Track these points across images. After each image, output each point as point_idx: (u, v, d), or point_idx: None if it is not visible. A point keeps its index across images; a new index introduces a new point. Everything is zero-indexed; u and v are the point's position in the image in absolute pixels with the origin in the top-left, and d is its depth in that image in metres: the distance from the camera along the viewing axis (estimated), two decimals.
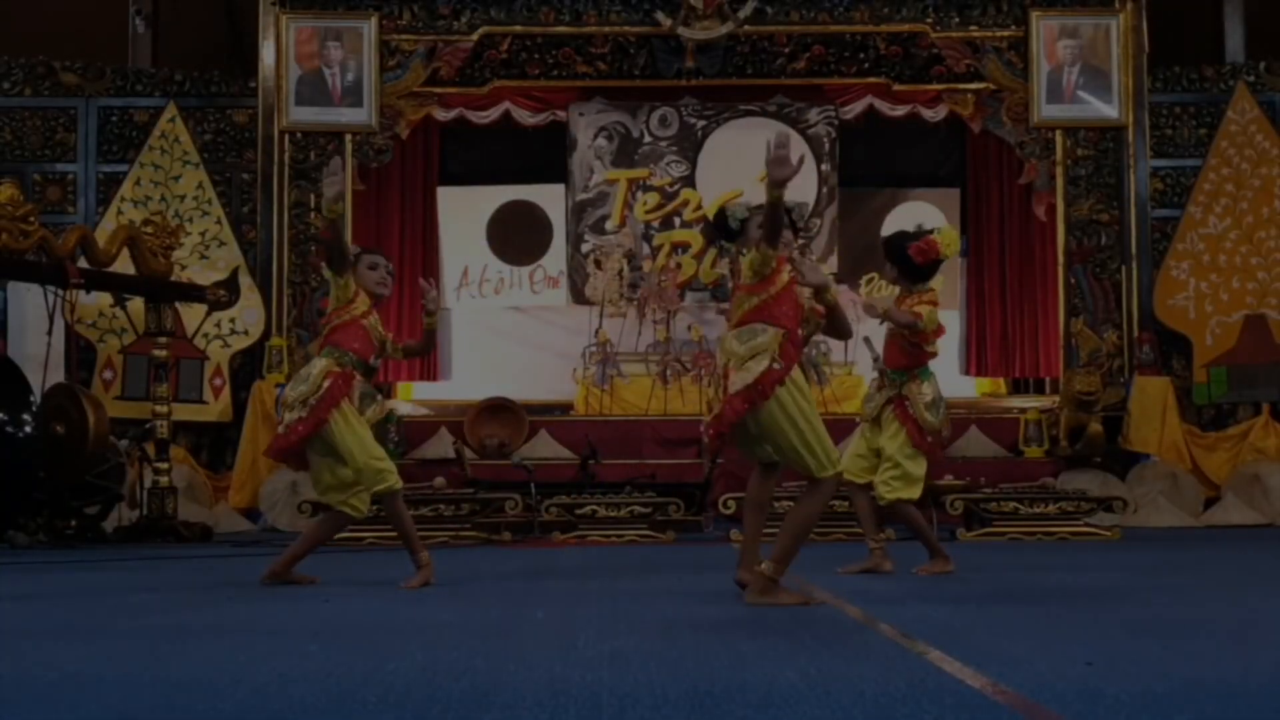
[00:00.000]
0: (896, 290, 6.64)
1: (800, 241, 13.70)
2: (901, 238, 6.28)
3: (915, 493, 6.22)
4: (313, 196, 12.31)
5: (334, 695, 2.85)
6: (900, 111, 13.41)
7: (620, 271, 13.29)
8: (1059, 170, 12.38)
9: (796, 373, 4.77)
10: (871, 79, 13.08)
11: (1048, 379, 13.56)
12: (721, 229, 5.34)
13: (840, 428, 11.86)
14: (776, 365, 4.70)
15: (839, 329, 5.32)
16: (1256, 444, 11.61)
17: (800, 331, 5.00)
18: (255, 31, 12.48)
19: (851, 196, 14.08)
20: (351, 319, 5.76)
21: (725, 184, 13.69)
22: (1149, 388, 11.69)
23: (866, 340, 7.01)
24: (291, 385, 5.75)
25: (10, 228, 8.92)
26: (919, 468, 6.25)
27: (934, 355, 6.41)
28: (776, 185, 4.75)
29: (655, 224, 13.74)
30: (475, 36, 12.46)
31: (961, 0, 12.44)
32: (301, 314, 12.21)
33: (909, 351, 6.32)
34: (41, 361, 9.37)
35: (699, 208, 13.67)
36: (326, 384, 5.57)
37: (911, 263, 6.15)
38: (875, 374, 6.55)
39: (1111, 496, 9.63)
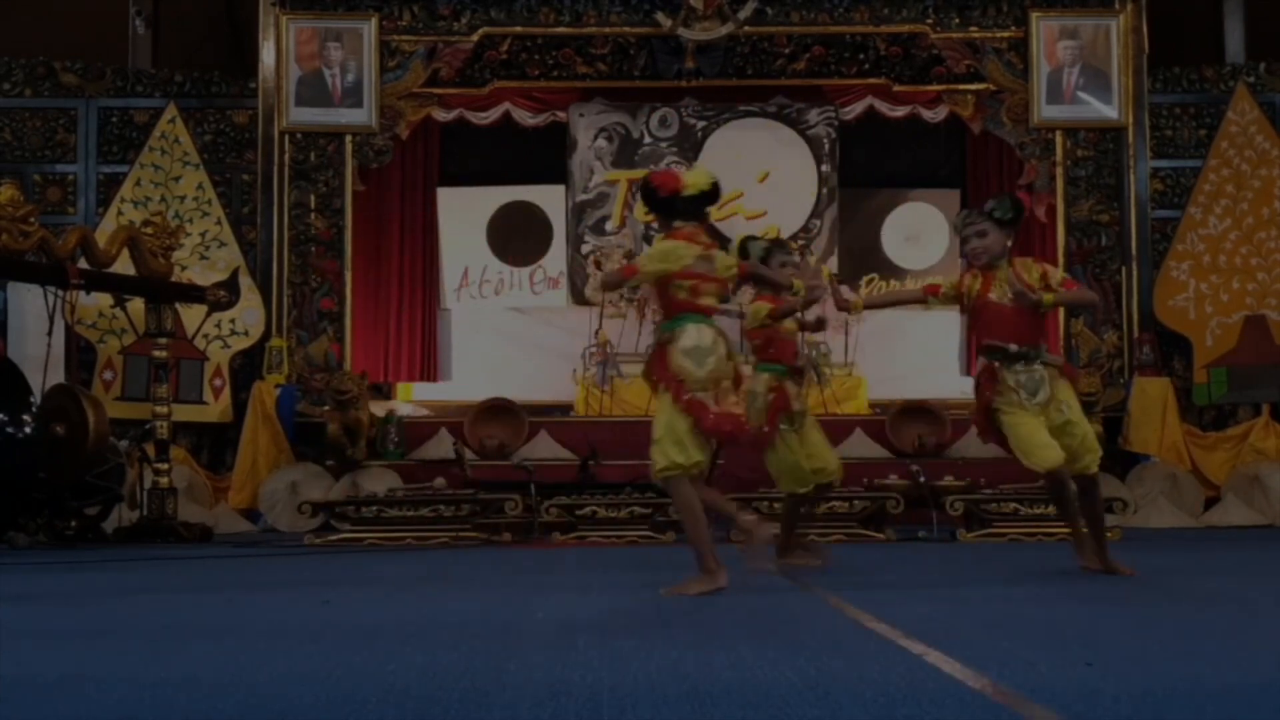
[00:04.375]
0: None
1: (800, 243, 13.75)
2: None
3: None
4: (312, 198, 12.31)
5: (334, 695, 2.85)
6: (900, 112, 13.42)
7: None
8: (1059, 171, 12.38)
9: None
10: (872, 80, 13.09)
11: None
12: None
13: (841, 428, 11.96)
14: None
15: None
16: (1256, 445, 11.61)
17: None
18: (255, 32, 12.49)
19: (851, 197, 14.09)
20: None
21: (725, 185, 13.48)
22: (1149, 388, 11.69)
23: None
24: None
25: (10, 228, 8.92)
26: None
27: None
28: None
29: (655, 225, 13.73)
30: (475, 37, 12.47)
31: (961, 1, 12.45)
32: (301, 315, 12.22)
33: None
34: (42, 362, 9.36)
35: None
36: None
37: (656, 196, 5.39)
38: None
39: (1111, 497, 9.61)
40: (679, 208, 5.33)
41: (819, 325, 6.78)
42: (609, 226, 13.78)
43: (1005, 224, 5.68)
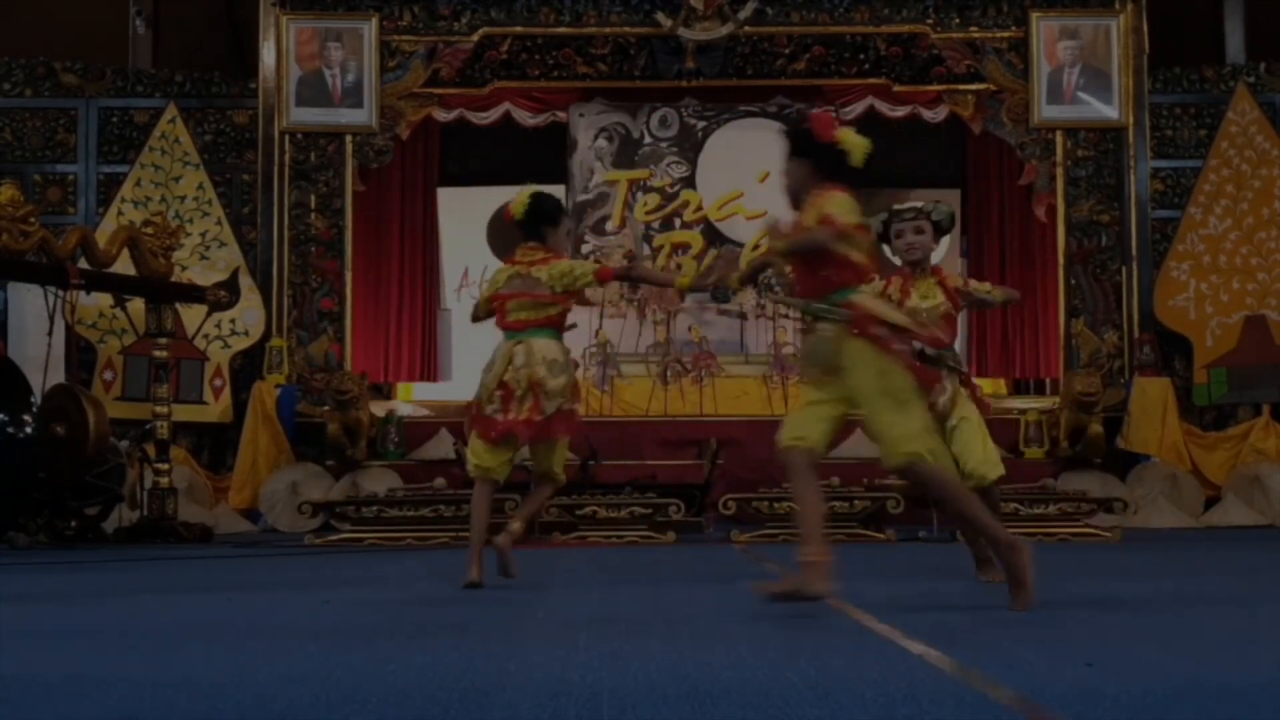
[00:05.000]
0: None
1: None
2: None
3: None
4: (312, 198, 12.31)
5: (334, 695, 2.85)
6: (901, 112, 13.40)
7: None
8: (1059, 171, 12.38)
9: None
10: (872, 80, 13.08)
11: (1048, 380, 13.56)
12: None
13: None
14: None
15: None
16: (1256, 445, 11.61)
17: None
18: (256, 32, 12.49)
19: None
20: None
21: (726, 185, 13.71)
22: (1149, 389, 11.68)
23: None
24: None
25: (11, 228, 8.92)
26: None
27: None
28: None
29: (655, 225, 13.74)
30: (475, 37, 12.47)
31: (962, 1, 12.45)
32: (302, 315, 12.22)
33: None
34: (42, 362, 9.37)
35: (699, 208, 13.67)
36: None
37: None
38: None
39: (1112, 497, 9.63)
40: (525, 230, 5.73)
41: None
42: (609, 226, 13.77)
43: (940, 230, 5.70)
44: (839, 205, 4.60)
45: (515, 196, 5.71)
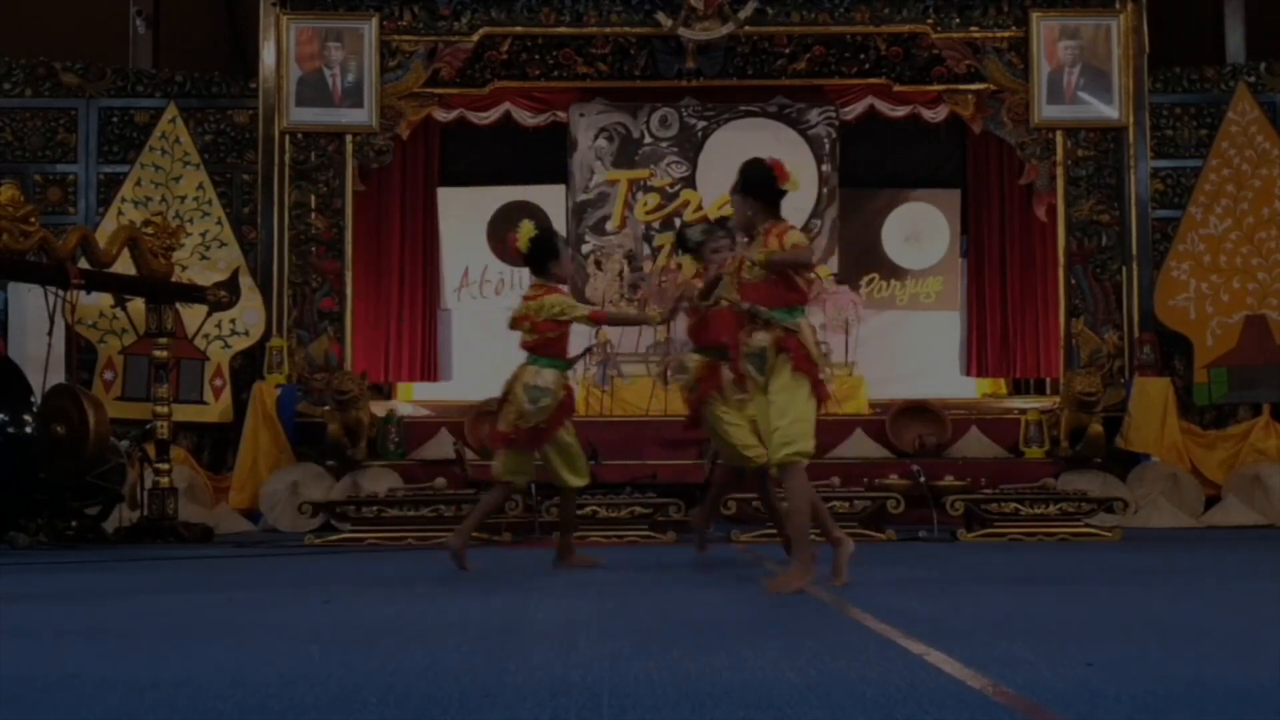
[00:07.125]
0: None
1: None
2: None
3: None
4: (313, 198, 12.31)
5: (334, 695, 2.85)
6: (901, 112, 13.41)
7: (621, 272, 13.29)
8: (1059, 171, 12.38)
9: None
10: (872, 79, 13.09)
11: (1048, 380, 13.57)
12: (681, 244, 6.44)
13: (841, 428, 11.96)
14: None
15: None
16: (1257, 444, 11.60)
17: None
18: (256, 32, 12.49)
19: (852, 197, 14.08)
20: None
21: (726, 184, 13.47)
22: (1149, 388, 11.68)
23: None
24: None
25: (11, 228, 8.91)
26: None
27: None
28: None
29: (656, 224, 13.74)
30: (476, 37, 12.47)
31: (962, 1, 12.45)
32: (302, 315, 12.22)
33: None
34: (42, 362, 9.36)
35: (699, 208, 13.67)
36: None
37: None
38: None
39: (1112, 497, 9.62)
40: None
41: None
42: (609, 226, 13.77)
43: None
44: (802, 239, 5.49)
45: (522, 228, 6.35)
